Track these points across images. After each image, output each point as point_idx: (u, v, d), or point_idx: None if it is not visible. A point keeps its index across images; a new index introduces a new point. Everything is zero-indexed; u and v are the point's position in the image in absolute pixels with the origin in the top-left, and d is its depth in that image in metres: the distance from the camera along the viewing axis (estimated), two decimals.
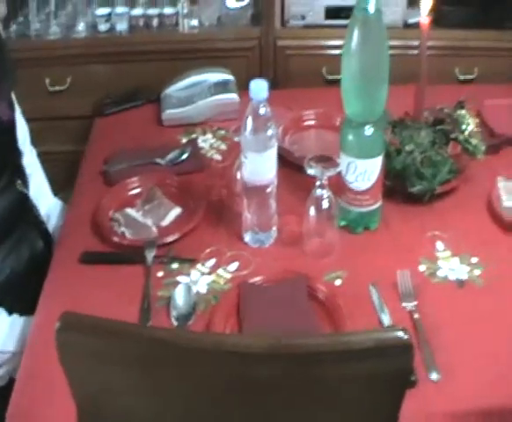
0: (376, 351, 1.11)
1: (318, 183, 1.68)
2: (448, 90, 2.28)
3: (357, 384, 1.14)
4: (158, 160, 2.05)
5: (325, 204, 1.68)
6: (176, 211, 1.86)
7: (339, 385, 1.14)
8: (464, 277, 1.65)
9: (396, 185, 1.86)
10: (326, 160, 1.70)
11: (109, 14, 2.62)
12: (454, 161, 1.92)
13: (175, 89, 2.32)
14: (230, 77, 2.34)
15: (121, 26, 2.61)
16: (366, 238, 1.77)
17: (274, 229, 1.75)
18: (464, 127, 1.95)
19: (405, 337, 1.10)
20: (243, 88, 2.01)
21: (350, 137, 1.74)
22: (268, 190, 1.72)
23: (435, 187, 1.85)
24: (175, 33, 2.61)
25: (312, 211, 1.68)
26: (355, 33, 1.66)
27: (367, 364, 1.12)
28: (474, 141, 1.94)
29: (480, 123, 2.12)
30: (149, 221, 1.81)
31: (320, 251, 1.70)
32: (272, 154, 1.70)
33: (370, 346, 1.11)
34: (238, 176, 1.76)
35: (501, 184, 1.91)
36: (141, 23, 2.63)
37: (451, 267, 1.67)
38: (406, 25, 2.64)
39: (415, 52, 2.48)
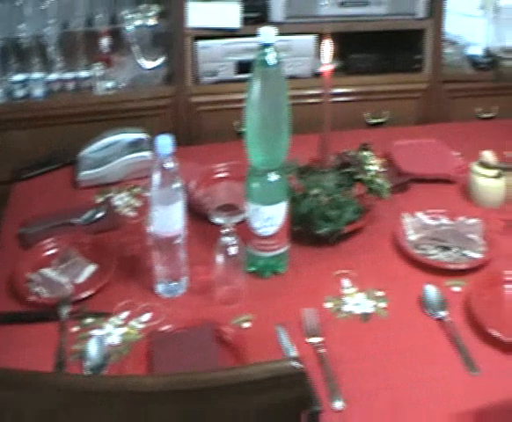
0: (271, 381, 1.15)
1: (224, 231, 1.72)
2: (358, 135, 2.37)
3: (256, 416, 1.18)
4: (74, 220, 2.08)
5: (232, 251, 1.72)
6: (91, 268, 1.89)
7: (238, 418, 1.17)
8: (369, 311, 1.71)
9: (303, 229, 1.92)
10: (232, 208, 1.75)
11: (25, 80, 2.65)
12: (359, 201, 1.98)
13: (91, 150, 2.35)
14: (143, 136, 2.39)
15: (38, 92, 2.64)
16: (274, 282, 1.82)
17: (185, 278, 1.79)
18: (368, 168, 2.01)
19: (299, 366, 1.14)
20: None
21: (255, 185, 1.80)
22: (177, 241, 1.76)
23: (340, 228, 1.91)
24: (91, 96, 2.65)
25: (220, 259, 1.73)
26: (256, 86, 1.74)
27: (264, 395, 1.16)
28: (379, 181, 2.01)
29: (389, 163, 2.21)
30: (64, 280, 1.84)
31: (229, 296, 1.74)
32: (179, 206, 1.75)
33: (264, 377, 1.15)
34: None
35: (407, 220, 1.98)
36: (57, 87, 2.66)
37: (357, 302, 1.73)
38: (316, 75, 2.72)
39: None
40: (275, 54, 1.72)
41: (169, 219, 1.74)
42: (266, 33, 1.73)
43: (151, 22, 2.74)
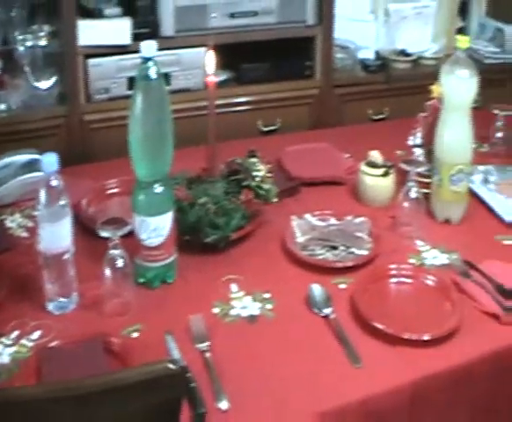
0: (147, 384, 1.18)
1: (111, 244, 1.74)
2: (251, 143, 2.38)
3: (141, 418, 1.20)
4: None
5: (120, 263, 1.74)
6: None
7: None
8: (256, 313, 1.75)
9: (192, 238, 1.94)
10: (118, 222, 1.77)
11: None
12: (247, 207, 2.02)
13: None
14: (37, 157, 2.38)
15: None
16: (163, 291, 1.84)
17: (75, 294, 1.80)
18: (255, 174, 2.05)
19: (174, 367, 1.17)
20: None
21: (140, 197, 1.82)
22: (65, 257, 1.77)
23: (229, 235, 1.95)
24: None
25: (108, 272, 1.75)
26: (138, 100, 1.76)
27: (143, 398, 1.19)
28: (266, 186, 2.05)
29: (279, 169, 2.26)
30: None
31: (119, 309, 1.76)
32: (66, 222, 1.76)
33: (140, 380, 1.17)
34: None
35: (295, 222, 2.03)
36: None
37: (244, 305, 1.77)
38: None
39: (222, 110, 2.62)
40: (156, 68, 1.74)
41: (56, 236, 1.75)
42: (147, 47, 1.75)
43: (43, 42, 2.72)
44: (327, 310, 1.74)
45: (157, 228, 1.81)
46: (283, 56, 2.91)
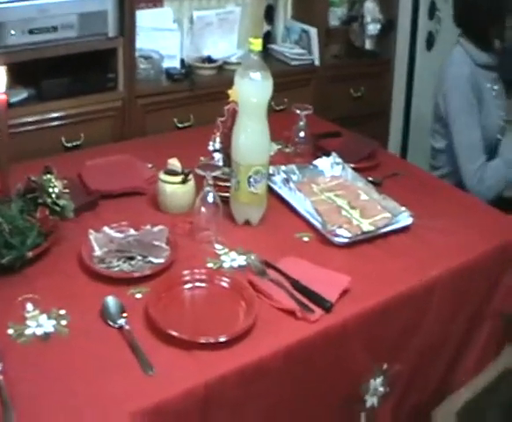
0: None
1: None
2: (53, 160, 2.36)
3: None
4: None
5: None
6: None
7: None
8: (50, 330, 1.75)
9: None
10: None
11: None
12: (42, 225, 2.01)
13: None
14: None
15: None
16: None
17: None
18: (50, 190, 2.05)
19: None
20: None
21: None
22: None
23: (24, 254, 1.94)
24: None
25: None
26: None
27: None
28: (62, 202, 2.05)
29: (77, 183, 2.26)
30: None
31: None
32: None
33: None
34: None
35: (92, 236, 2.04)
36: None
37: (39, 324, 1.76)
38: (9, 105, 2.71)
39: (24, 128, 2.61)
40: None
41: None
42: None
43: None
44: (121, 321, 1.76)
45: None
46: (86, 70, 2.90)
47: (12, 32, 2.72)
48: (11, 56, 2.61)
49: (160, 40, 3.22)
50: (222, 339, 1.72)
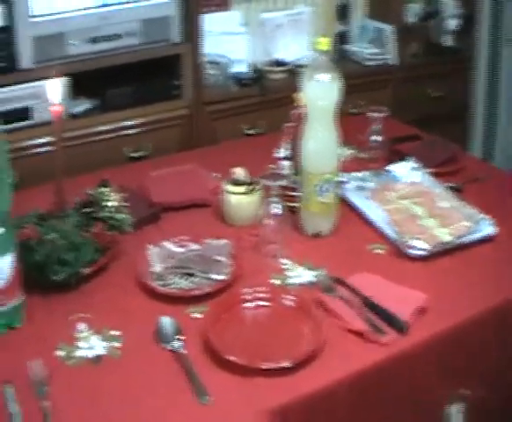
0: None
1: None
2: (116, 172, 2.32)
3: None
4: None
5: None
6: None
7: None
8: (102, 352, 1.65)
9: (40, 277, 1.84)
10: None
11: None
12: (100, 240, 1.92)
13: None
14: None
15: None
16: (8, 337, 1.72)
17: None
18: (106, 204, 1.96)
19: None
20: None
21: None
22: None
23: (79, 271, 1.85)
24: None
25: None
26: None
27: None
28: (119, 215, 1.96)
29: (141, 195, 2.16)
30: None
31: None
32: None
33: None
34: None
35: (151, 251, 1.94)
36: None
37: (90, 345, 1.67)
38: (72, 116, 2.66)
39: (87, 140, 2.54)
40: None
41: None
42: None
43: None
44: (176, 344, 1.65)
45: None
46: (150, 78, 2.82)
47: (74, 41, 2.66)
48: (73, 66, 2.57)
49: (228, 44, 3.13)
50: (285, 365, 1.59)
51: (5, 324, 1.75)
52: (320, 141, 2.05)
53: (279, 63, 3.25)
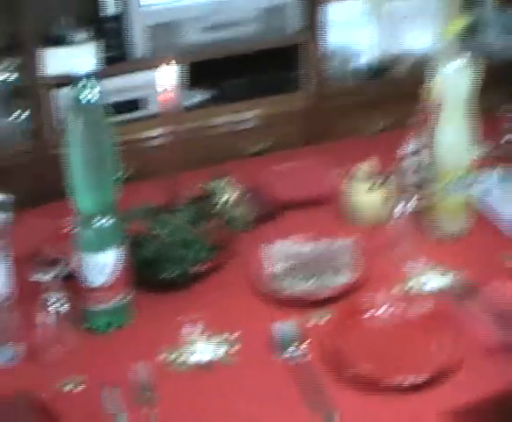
0: None
1: (44, 286, 1.53)
2: (232, 166, 2.19)
3: None
4: None
5: (56, 308, 1.54)
6: None
7: None
8: (213, 358, 1.52)
9: (148, 274, 1.73)
10: (55, 261, 1.56)
11: None
12: (214, 237, 1.80)
13: None
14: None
15: None
16: (112, 337, 1.62)
17: (14, 345, 1.59)
18: (222, 199, 1.83)
19: None
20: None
21: (80, 232, 1.62)
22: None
23: (189, 269, 1.73)
24: None
25: (44, 318, 1.54)
26: (72, 125, 1.57)
27: None
28: (235, 212, 1.84)
29: (258, 191, 2.04)
30: None
31: (58, 359, 1.54)
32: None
33: None
34: None
35: (268, 250, 1.81)
36: None
37: (202, 349, 1.54)
38: (187, 108, 2.56)
39: (201, 133, 2.43)
40: (91, 89, 1.55)
41: None
42: (77, 65, 1.57)
43: (5, 76, 2.55)
44: (294, 353, 1.49)
45: (100, 266, 1.60)
46: (268, 69, 2.68)
47: (190, 30, 2.56)
48: (188, 56, 2.45)
49: (351, 34, 2.97)
50: (420, 379, 1.41)
51: (108, 323, 1.64)
52: (453, 136, 1.89)
53: (405, 54, 3.06)
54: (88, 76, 1.55)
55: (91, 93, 1.55)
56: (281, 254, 1.81)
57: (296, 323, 1.58)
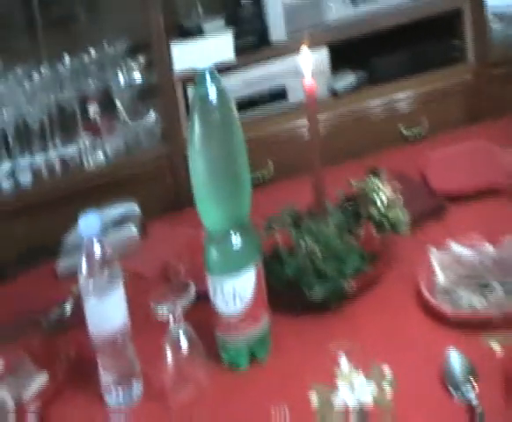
0: None
1: (171, 319, 1.33)
2: (387, 156, 1.98)
3: None
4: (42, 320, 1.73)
5: (184, 343, 1.33)
6: (40, 378, 1.49)
7: None
8: (370, 399, 1.24)
9: (292, 295, 1.49)
10: (181, 289, 1.35)
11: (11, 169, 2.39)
12: (366, 245, 1.53)
13: (70, 236, 2.00)
14: (131, 209, 2.03)
15: (24, 180, 2.35)
16: (251, 372, 1.39)
17: (137, 383, 1.41)
18: (377, 198, 1.56)
19: None
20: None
21: (213, 253, 1.39)
22: (120, 340, 1.39)
23: (342, 286, 1.46)
24: (79, 173, 2.33)
25: (171, 354, 1.34)
26: (196, 127, 1.35)
27: None
28: (392, 213, 1.56)
29: (421, 184, 1.82)
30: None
31: (188, 398, 1.34)
32: (116, 298, 1.39)
33: None
34: None
35: (436, 256, 1.51)
36: (44, 171, 2.36)
37: (354, 388, 1.26)
38: (335, 94, 2.30)
39: (354, 117, 2.19)
40: (217, 85, 1.34)
41: (104, 314, 1.38)
42: (200, 58, 1.37)
43: (137, 76, 2.39)
44: (467, 391, 1.19)
45: (235, 290, 1.37)
46: (423, 41, 2.38)
47: (332, 4, 2.28)
48: (333, 34, 2.21)
49: None
50: None
51: (246, 356, 1.41)
52: None
53: None
54: (212, 70, 1.35)
55: (215, 89, 1.34)
56: (448, 259, 1.50)
57: (469, 350, 1.28)
